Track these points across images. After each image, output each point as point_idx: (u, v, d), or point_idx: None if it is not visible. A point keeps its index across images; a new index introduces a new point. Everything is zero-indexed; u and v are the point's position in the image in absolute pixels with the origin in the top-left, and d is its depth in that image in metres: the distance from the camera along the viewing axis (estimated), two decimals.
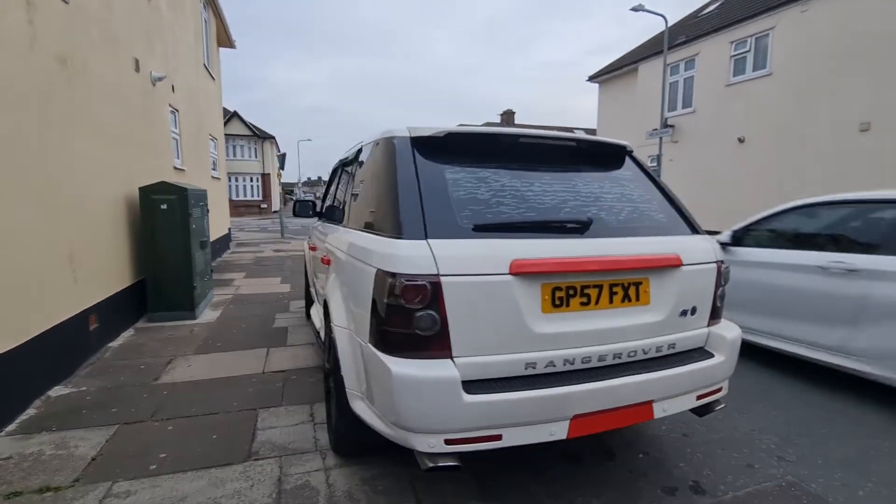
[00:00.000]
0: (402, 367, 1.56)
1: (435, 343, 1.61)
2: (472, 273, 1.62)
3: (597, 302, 1.80)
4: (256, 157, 32.84)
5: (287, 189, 55.78)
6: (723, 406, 2.08)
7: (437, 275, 1.59)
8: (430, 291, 1.58)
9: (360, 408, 1.95)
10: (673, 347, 1.97)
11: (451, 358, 1.62)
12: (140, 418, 2.79)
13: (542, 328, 1.70)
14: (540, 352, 1.70)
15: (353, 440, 2.20)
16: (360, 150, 2.75)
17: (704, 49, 13.80)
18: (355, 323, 1.96)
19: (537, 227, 1.84)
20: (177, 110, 7.08)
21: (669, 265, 1.92)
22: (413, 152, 1.97)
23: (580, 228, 1.87)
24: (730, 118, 12.99)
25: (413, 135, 2.05)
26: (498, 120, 49.35)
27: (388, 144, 2.08)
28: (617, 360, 1.84)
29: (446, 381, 1.54)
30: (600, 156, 2.35)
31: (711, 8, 15.67)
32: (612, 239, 1.90)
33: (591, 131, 24.13)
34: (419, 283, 1.58)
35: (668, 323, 1.93)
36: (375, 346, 1.71)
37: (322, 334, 3.18)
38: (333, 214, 3.24)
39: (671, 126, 14.65)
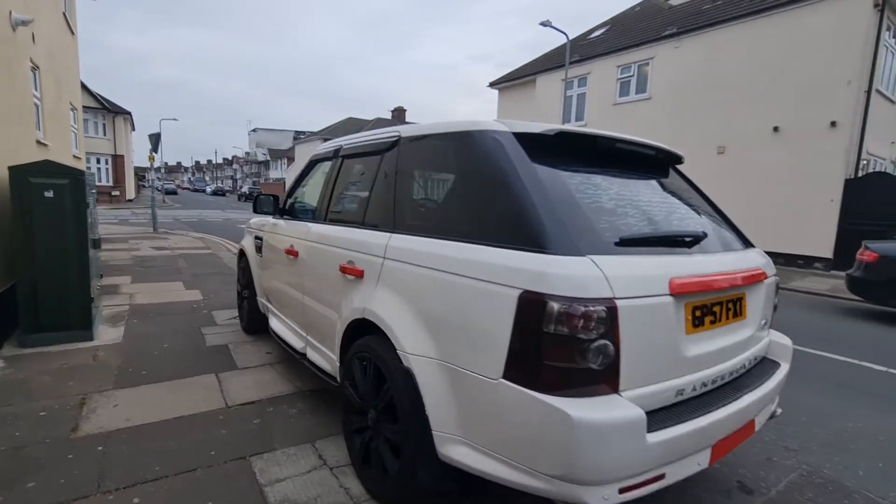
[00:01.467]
0: (581, 411, 1.29)
1: (606, 377, 1.38)
2: (641, 295, 1.42)
3: (720, 319, 1.73)
4: (106, 134, 27.51)
5: (139, 174, 47.83)
6: (780, 413, 2.20)
7: (613, 298, 1.35)
8: (607, 318, 1.34)
9: (463, 453, 1.62)
10: (756, 360, 2.01)
11: (619, 393, 1.40)
12: (82, 494, 2.00)
13: (689, 350, 1.58)
14: (688, 376, 1.57)
15: (432, 489, 1.82)
16: (393, 143, 2.31)
17: (595, 69, 15.29)
18: (461, 353, 1.61)
19: (666, 241, 1.71)
20: (37, 67, 5.46)
21: (761, 280, 1.95)
22: (521, 150, 1.70)
23: (694, 242, 1.79)
24: (618, 132, 14.56)
25: (514, 130, 1.77)
26: (389, 116, 48.97)
27: (487, 139, 1.76)
28: (731, 377, 1.80)
29: (634, 421, 1.32)
30: (663, 164, 2.31)
31: (598, 33, 17.45)
32: (723, 254, 1.87)
33: None
34: (596, 308, 1.33)
35: (756, 336, 1.96)
36: (521, 383, 1.40)
37: (323, 357, 2.66)
38: (345, 215, 2.72)
39: None
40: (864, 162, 10.61)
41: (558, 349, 1.34)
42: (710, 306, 1.68)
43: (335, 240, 2.52)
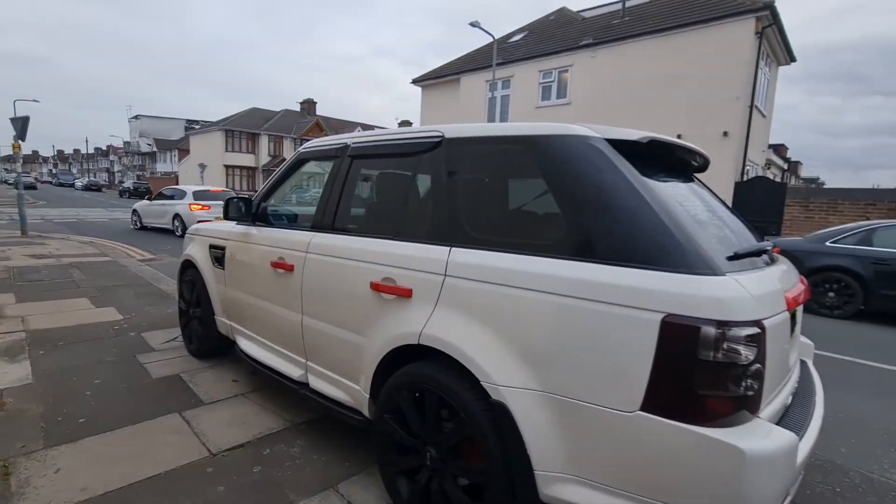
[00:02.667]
0: (748, 443, 1.20)
1: (753, 402, 1.31)
2: (776, 312, 1.38)
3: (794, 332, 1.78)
4: None
5: None
6: None
7: (762, 319, 1.29)
8: (759, 340, 1.27)
9: (574, 492, 1.47)
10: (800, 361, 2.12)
11: (758, 416, 1.34)
12: None
13: (790, 362, 1.58)
14: (787, 387, 1.58)
15: None
16: (435, 144, 2.05)
17: (518, 73, 15.84)
18: (577, 384, 1.44)
19: (756, 254, 1.70)
20: None
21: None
22: (623, 159, 1.57)
23: (766, 255, 1.82)
24: None
25: (607, 136, 1.64)
26: (298, 108, 46.34)
27: (581, 146, 1.60)
28: (797, 383, 1.87)
29: (792, 445, 1.27)
30: (697, 171, 2.34)
31: (518, 37, 18.10)
32: (779, 263, 1.92)
33: None
34: (751, 331, 1.25)
35: (801, 340, 2.07)
36: (667, 415, 1.28)
37: (338, 387, 2.31)
38: (367, 224, 2.39)
39: None
40: (748, 168, 12.32)
41: (713, 377, 1.25)
42: (795, 316, 1.72)
43: (360, 252, 2.18)
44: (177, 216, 12.59)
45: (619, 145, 1.62)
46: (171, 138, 56.90)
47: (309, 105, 46.31)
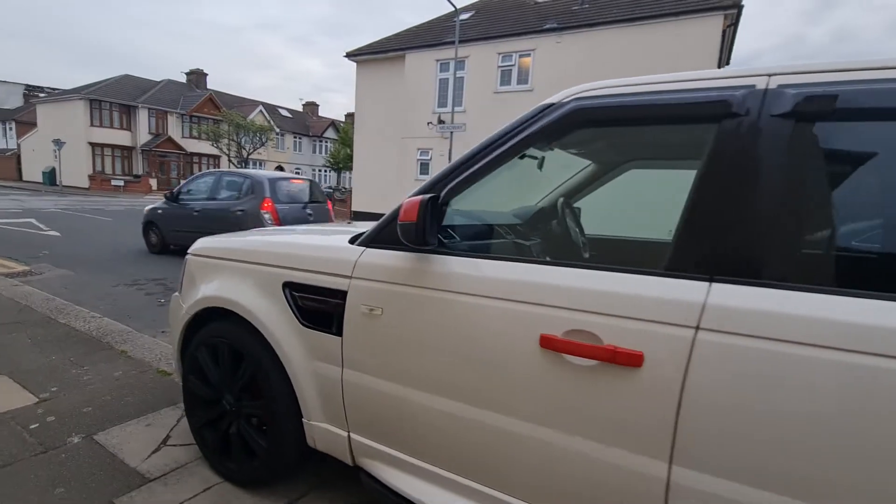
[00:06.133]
0: None
1: None
2: None
3: None
4: None
5: None
6: None
7: None
8: None
9: None
10: None
11: None
12: None
13: None
14: None
15: None
16: None
17: (474, 54, 14.64)
18: None
19: None
20: None
21: None
22: None
23: None
24: (498, 122, 14.24)
25: None
26: (183, 80, 39.97)
27: None
28: None
29: None
30: None
31: (466, 16, 16.84)
32: None
33: (352, 115, 21.92)
34: None
35: None
36: None
37: None
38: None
39: (443, 122, 14.97)
40: None
41: None
42: None
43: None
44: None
45: None
46: (4, 107, 45.53)
47: (198, 77, 40.21)
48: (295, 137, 44.81)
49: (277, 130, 37.93)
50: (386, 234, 1.61)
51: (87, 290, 5.36)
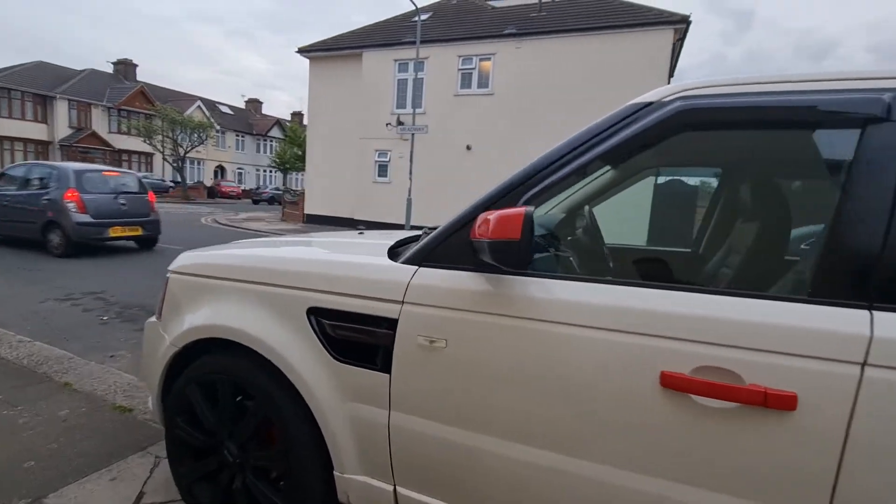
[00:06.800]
0: None
1: None
2: None
3: None
4: None
5: None
6: None
7: None
8: None
9: None
10: None
11: None
12: None
13: None
14: None
15: None
16: None
17: (434, 55, 14.44)
18: None
19: None
20: None
21: None
22: None
23: None
24: (459, 125, 14.18)
25: None
26: (110, 70, 36.70)
27: None
28: None
29: None
30: None
31: (424, 17, 16.62)
32: None
33: (299, 115, 20.83)
34: None
35: None
36: None
37: None
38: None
39: (402, 123, 14.65)
40: None
41: None
42: None
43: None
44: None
45: None
46: None
47: (126, 67, 37.13)
48: (237, 136, 42.51)
49: (218, 128, 35.77)
50: (445, 251, 1.35)
51: (6, 307, 4.58)
